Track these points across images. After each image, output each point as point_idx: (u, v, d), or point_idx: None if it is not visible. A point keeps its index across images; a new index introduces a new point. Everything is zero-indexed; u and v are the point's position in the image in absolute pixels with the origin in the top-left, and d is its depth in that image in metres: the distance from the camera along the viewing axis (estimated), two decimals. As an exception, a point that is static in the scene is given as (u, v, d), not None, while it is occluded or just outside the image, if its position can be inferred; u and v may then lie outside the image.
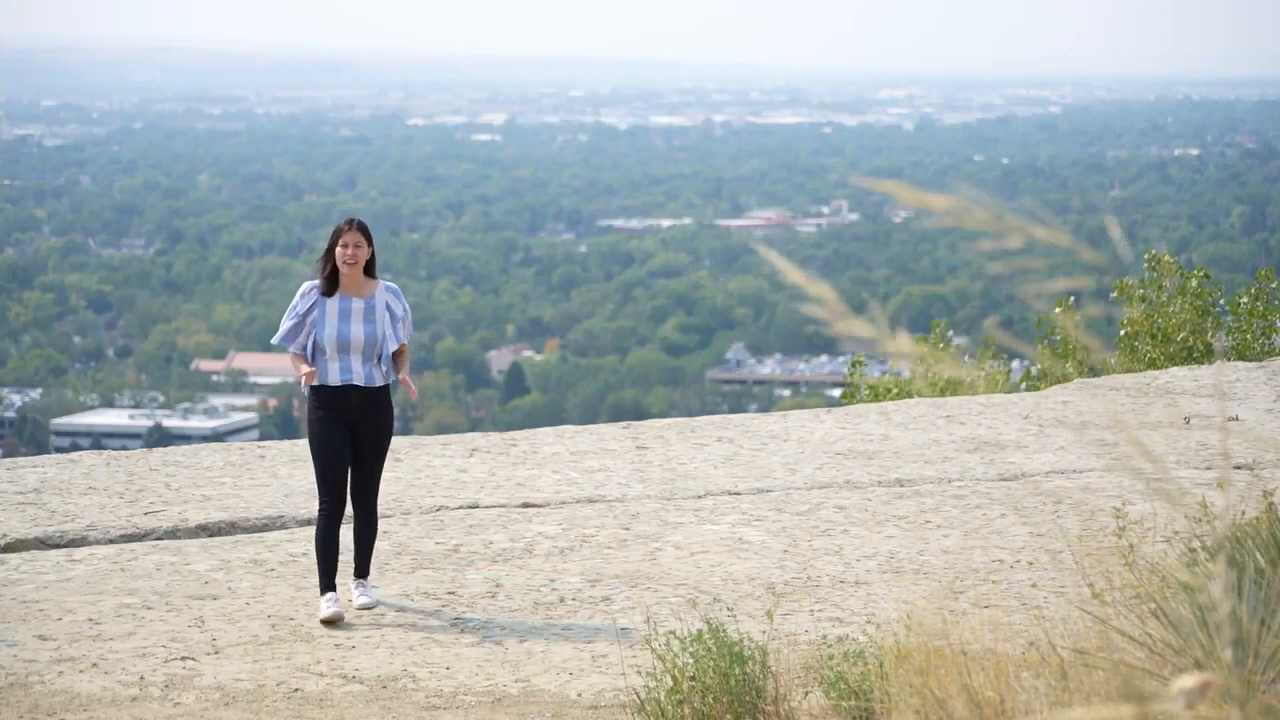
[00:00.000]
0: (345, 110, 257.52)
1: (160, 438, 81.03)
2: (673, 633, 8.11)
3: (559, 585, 10.60)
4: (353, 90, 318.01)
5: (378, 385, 10.10)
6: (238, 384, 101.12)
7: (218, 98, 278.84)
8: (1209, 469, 13.31)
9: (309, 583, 10.52)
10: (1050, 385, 19.02)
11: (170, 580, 10.75)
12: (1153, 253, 21.27)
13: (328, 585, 9.94)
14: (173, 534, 11.88)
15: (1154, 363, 20.11)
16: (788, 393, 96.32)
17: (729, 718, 7.71)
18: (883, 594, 10.25)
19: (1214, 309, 20.79)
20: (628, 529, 11.89)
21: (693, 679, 7.74)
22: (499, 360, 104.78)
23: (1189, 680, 3.95)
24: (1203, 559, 7.06)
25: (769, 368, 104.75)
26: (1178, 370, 18.07)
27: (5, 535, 11.68)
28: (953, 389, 19.70)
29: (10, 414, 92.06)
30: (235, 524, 12.09)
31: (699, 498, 12.80)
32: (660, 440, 14.82)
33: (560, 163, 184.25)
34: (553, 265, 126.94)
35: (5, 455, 44.36)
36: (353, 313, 10.05)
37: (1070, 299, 20.57)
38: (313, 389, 10.05)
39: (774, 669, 7.83)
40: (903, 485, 13.09)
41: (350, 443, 10.03)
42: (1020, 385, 21.56)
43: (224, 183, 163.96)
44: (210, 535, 11.92)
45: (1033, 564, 10.73)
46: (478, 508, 12.53)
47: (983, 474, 13.41)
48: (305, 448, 10.11)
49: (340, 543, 10.09)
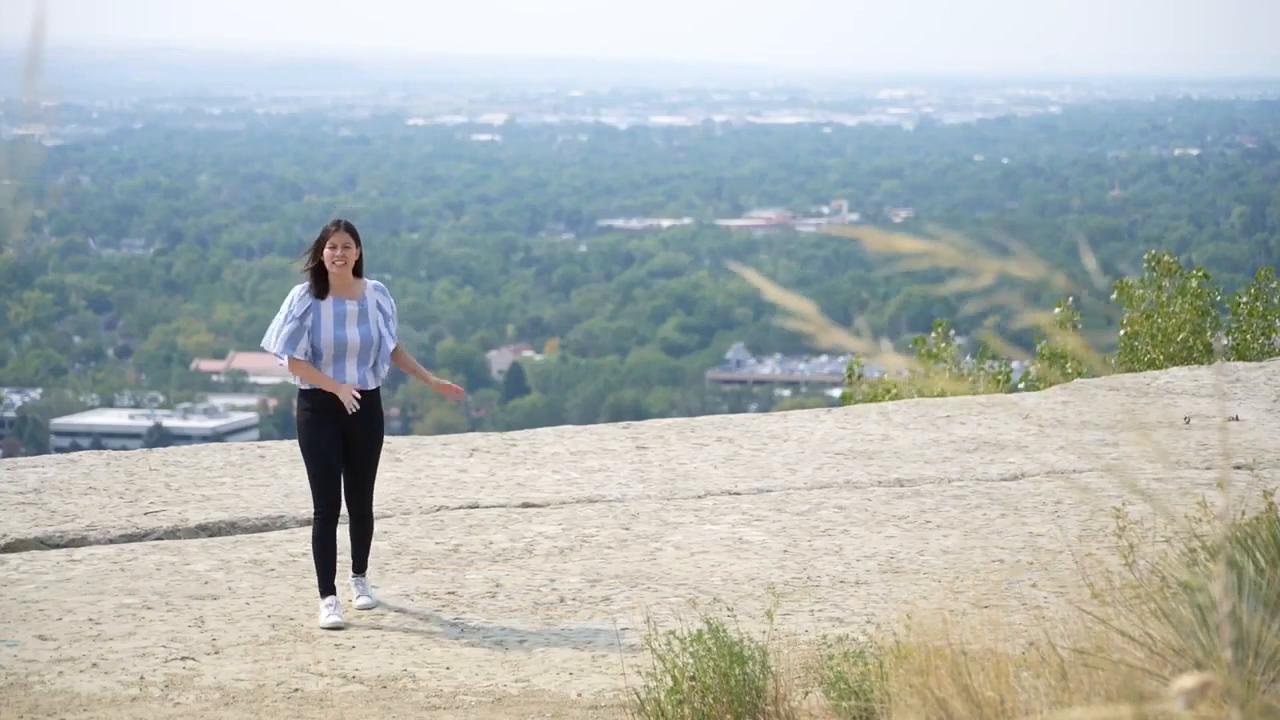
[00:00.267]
0: (345, 110, 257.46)
1: (160, 438, 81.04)
2: (673, 633, 8.10)
3: (559, 585, 10.60)
4: (353, 90, 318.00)
5: (371, 388, 10.06)
6: (238, 384, 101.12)
7: (218, 98, 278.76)
8: (1209, 469, 13.31)
9: (309, 583, 10.52)
10: (1050, 386, 19.03)
11: (170, 580, 10.75)
12: (1152, 252, 21.29)
13: (327, 588, 9.93)
14: (173, 534, 11.88)
15: (1154, 363, 20.12)
16: (788, 393, 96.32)
17: (729, 718, 7.71)
18: (883, 594, 10.25)
19: (1214, 309, 20.81)
20: (628, 529, 11.89)
21: (693, 679, 7.74)
22: (499, 360, 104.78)
23: (1189, 680, 3.95)
24: (1203, 559, 7.06)
25: (769, 368, 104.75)
26: (1178, 370, 18.07)
27: (5, 535, 11.68)
28: (963, 391, 19.69)
29: (10, 414, 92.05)
30: (235, 524, 12.09)
31: (699, 498, 12.80)
32: (660, 440, 14.82)
33: (560, 163, 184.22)
34: (553, 265, 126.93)
35: (5, 455, 44.36)
36: (347, 315, 10.00)
37: (1070, 299, 20.58)
38: (305, 393, 9.97)
39: (774, 669, 7.83)
40: (903, 485, 13.09)
41: (342, 446, 9.99)
42: (1020, 386, 21.57)
43: (224, 183, 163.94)
44: (210, 535, 11.92)
45: (1033, 564, 10.73)
46: (478, 508, 12.53)
47: (983, 474, 13.41)
48: (297, 433, 10.09)
49: (338, 544, 10.08)
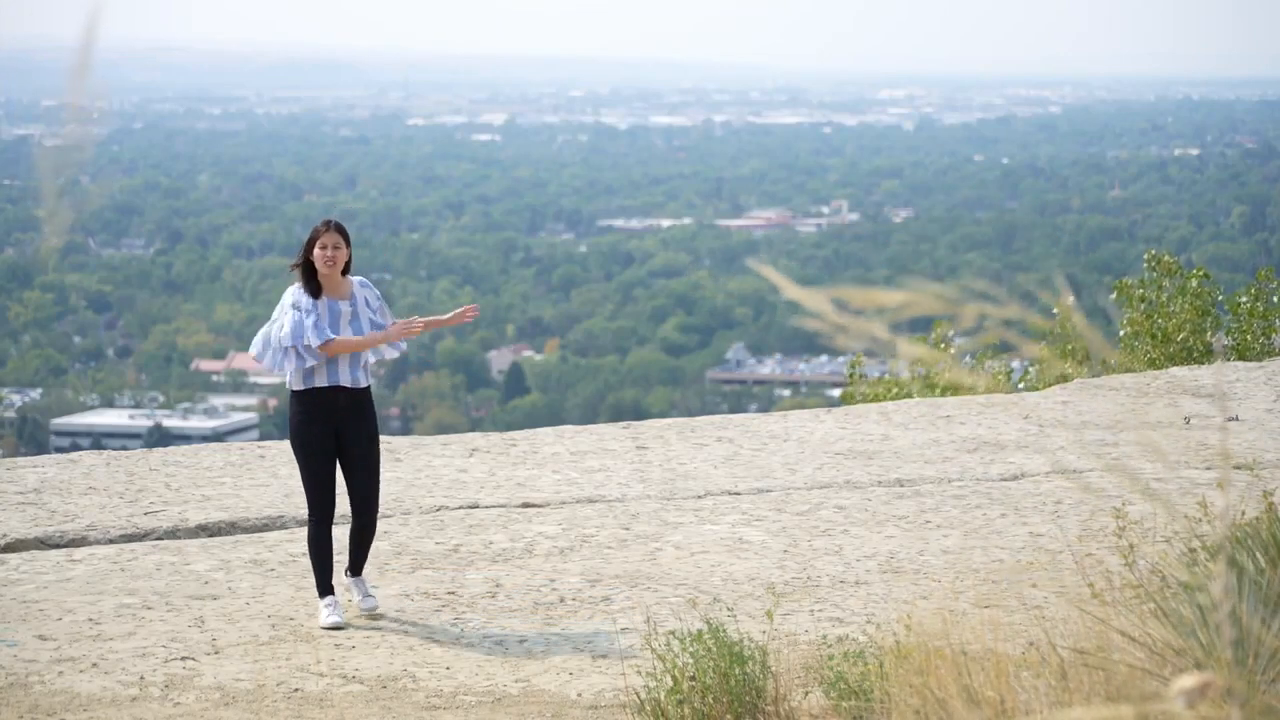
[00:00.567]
0: (345, 110, 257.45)
1: (160, 438, 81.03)
2: (673, 633, 8.10)
3: (559, 585, 10.60)
4: (353, 90, 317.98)
5: (363, 386, 10.04)
6: (238, 384, 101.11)
7: (218, 98, 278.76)
8: (1209, 469, 13.31)
9: (309, 583, 10.52)
10: (1050, 385, 19.02)
11: (170, 580, 10.75)
12: (1152, 252, 21.29)
13: (325, 589, 9.92)
14: (173, 534, 11.88)
15: (1154, 363, 20.12)
16: (788, 393, 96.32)
17: (729, 718, 7.71)
18: (883, 594, 10.25)
19: (1214, 309, 20.81)
20: (628, 529, 11.89)
21: (693, 679, 7.74)
22: (499, 360, 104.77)
23: (1189, 680, 3.95)
24: (1203, 559, 7.06)
25: (769, 368, 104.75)
26: (1178, 370, 18.07)
27: (5, 535, 11.68)
28: (953, 391, 19.71)
29: (10, 414, 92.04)
30: (235, 524, 12.09)
31: (699, 498, 12.80)
32: (660, 440, 14.82)
33: (560, 163, 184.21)
34: (553, 265, 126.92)
35: (5, 455, 44.35)
36: (341, 316, 9.99)
37: (1071, 299, 20.57)
38: (298, 393, 9.93)
39: (774, 669, 7.83)
40: (903, 485, 13.09)
41: (335, 446, 9.95)
42: (1020, 385, 21.57)
43: (224, 183, 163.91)
44: (210, 535, 11.92)
45: (1033, 564, 10.73)
46: (478, 508, 12.53)
47: (983, 474, 13.41)
48: (290, 438, 10.07)
49: (334, 544, 10.07)
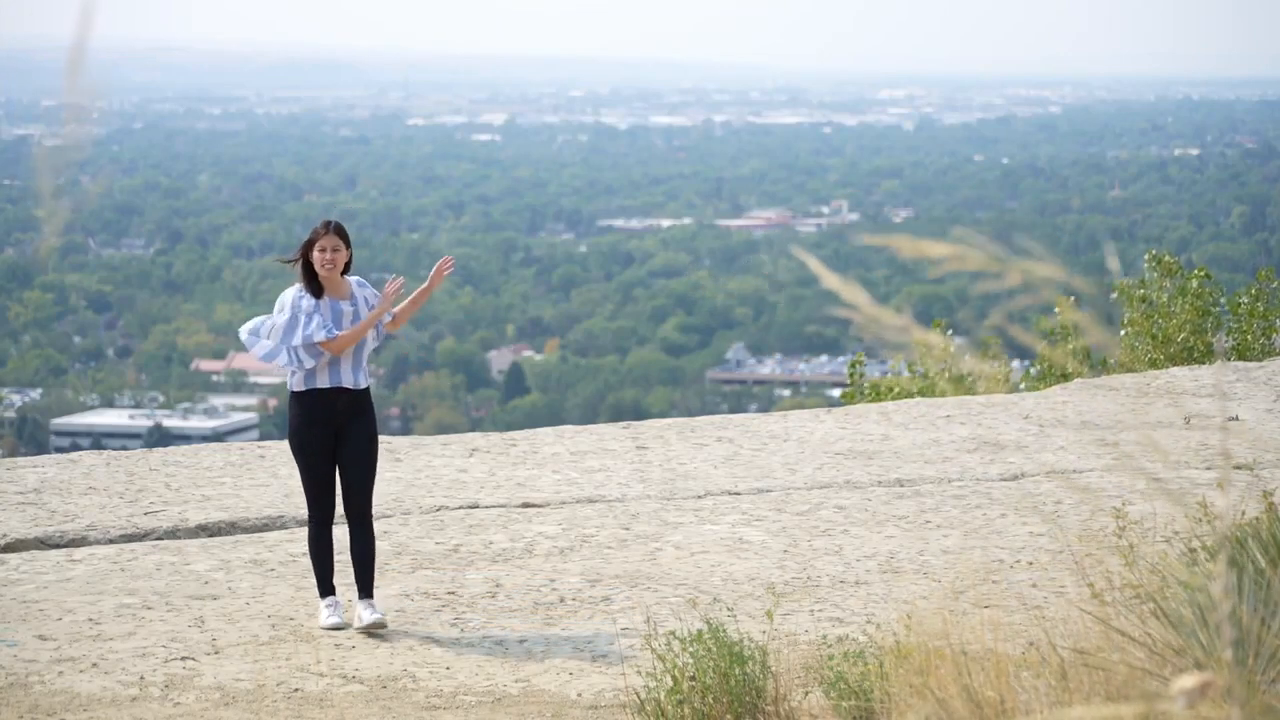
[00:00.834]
0: (345, 110, 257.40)
1: (160, 438, 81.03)
2: (673, 633, 8.10)
3: (559, 585, 10.60)
4: (353, 90, 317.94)
5: (363, 387, 10.00)
6: (238, 384, 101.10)
7: (218, 98, 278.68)
8: (1209, 469, 13.31)
9: (309, 583, 10.51)
10: (1050, 385, 19.02)
11: (170, 580, 10.75)
12: (1153, 253, 21.28)
13: (326, 589, 9.89)
14: (173, 534, 11.88)
15: (1154, 363, 20.12)
16: (788, 393, 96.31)
17: (729, 718, 7.71)
18: (883, 594, 10.25)
19: (1214, 309, 20.81)
20: (628, 529, 11.89)
21: (693, 679, 7.74)
22: (499, 360, 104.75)
23: (1189, 680, 3.95)
24: (1203, 559, 7.06)
25: (769, 368, 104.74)
26: (1178, 370, 18.07)
27: (5, 535, 11.68)
28: (964, 388, 19.70)
29: (10, 414, 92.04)
30: (235, 524, 12.09)
31: (699, 498, 12.80)
32: (660, 440, 14.82)
33: (560, 163, 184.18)
34: (553, 265, 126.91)
35: (5, 455, 44.35)
36: (343, 315, 9.94)
37: (1071, 299, 20.57)
38: (298, 394, 9.87)
39: (774, 669, 7.83)
40: (903, 485, 13.09)
41: (334, 447, 9.89)
42: (1020, 385, 21.57)
43: (224, 183, 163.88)
44: (210, 535, 11.92)
45: (1033, 564, 10.73)
46: (478, 508, 12.53)
47: (983, 474, 13.41)
48: (289, 441, 10.04)
49: (334, 544, 10.05)
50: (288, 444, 10.08)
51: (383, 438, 12.65)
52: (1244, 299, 20.89)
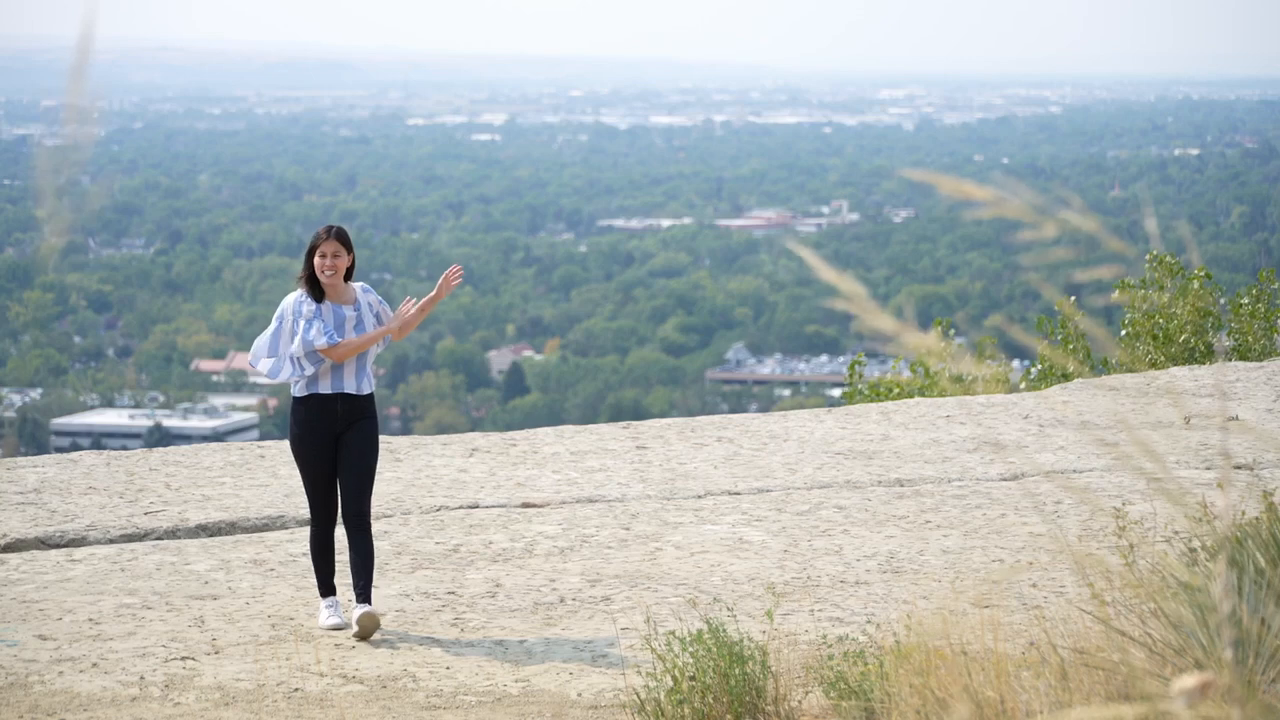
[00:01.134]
0: (345, 110, 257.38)
1: (160, 438, 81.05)
2: (673, 633, 8.10)
3: (559, 585, 10.60)
4: (353, 90, 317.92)
5: (366, 393, 9.96)
6: (238, 384, 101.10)
7: (218, 98, 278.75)
8: (1209, 469, 13.31)
9: (309, 583, 10.52)
10: (1051, 385, 19.02)
11: (170, 580, 10.75)
12: (1154, 253, 21.28)
13: (327, 589, 9.88)
14: (173, 534, 11.88)
15: (1155, 363, 20.12)
16: (788, 393, 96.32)
17: (729, 718, 7.71)
18: (883, 594, 10.25)
19: (1215, 309, 20.81)
20: (628, 529, 11.89)
21: (693, 679, 7.74)
22: (499, 360, 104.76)
23: (1189, 680, 3.95)
24: (1203, 559, 7.06)
25: (769, 368, 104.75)
26: (1178, 370, 18.06)
27: (5, 535, 11.68)
28: (963, 388, 19.70)
29: (10, 414, 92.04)
30: (235, 524, 12.09)
31: (699, 498, 12.80)
32: (660, 440, 14.81)
33: (560, 163, 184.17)
34: (553, 265, 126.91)
35: (5, 455, 44.34)
36: (347, 320, 9.90)
37: (1072, 298, 20.59)
38: (300, 399, 9.82)
39: (774, 669, 7.83)
40: (903, 485, 13.09)
41: (334, 454, 9.81)
42: (1020, 385, 21.56)
43: (224, 183, 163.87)
44: (210, 535, 11.92)
45: (1033, 564, 10.73)
46: (478, 508, 12.52)
47: (983, 474, 13.41)
48: (289, 444, 10.02)
49: (336, 545, 10.04)
50: (289, 446, 10.06)
51: (383, 438, 12.63)
52: (1245, 299, 20.89)
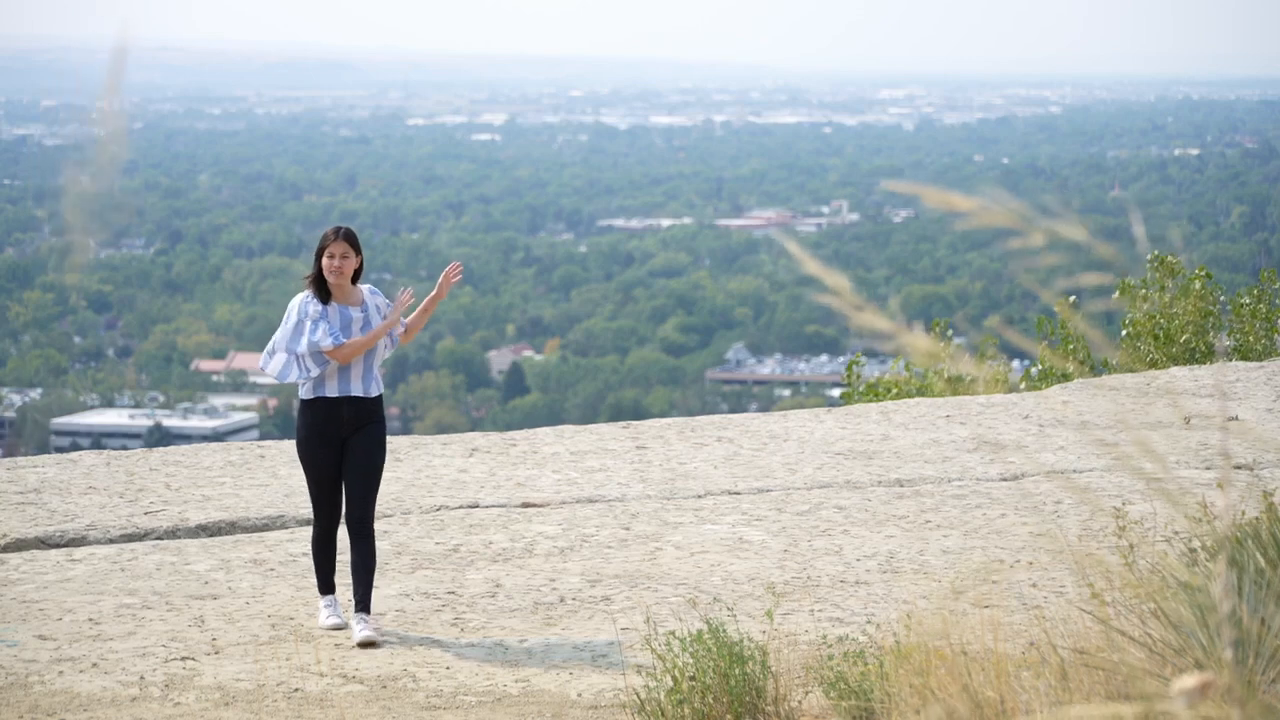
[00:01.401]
0: (345, 110, 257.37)
1: (160, 438, 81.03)
2: (673, 633, 8.10)
3: (559, 585, 10.60)
4: (353, 90, 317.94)
5: (374, 395, 9.93)
6: (238, 384, 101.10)
7: (218, 98, 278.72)
8: (1209, 469, 13.31)
9: (309, 583, 10.51)
10: (1051, 385, 19.02)
11: (170, 580, 10.75)
12: (1156, 253, 21.29)
13: (327, 588, 9.85)
14: (173, 534, 11.88)
15: (1155, 363, 20.12)
16: (788, 393, 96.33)
17: (729, 718, 7.71)
18: (883, 594, 10.25)
19: (1216, 309, 20.82)
20: (628, 529, 11.89)
21: (693, 679, 7.74)
22: (499, 360, 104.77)
23: (1189, 680, 3.95)
24: (1203, 559, 7.06)
25: (769, 368, 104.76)
26: (1178, 370, 18.06)
27: (5, 535, 11.68)
28: (962, 388, 19.70)
29: (10, 414, 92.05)
30: (235, 524, 12.09)
31: (699, 498, 12.80)
32: (660, 440, 14.81)
33: (560, 163, 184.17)
34: (553, 265, 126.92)
35: (5, 455, 44.34)
36: (354, 321, 9.86)
37: (1073, 298, 20.59)
38: (307, 402, 9.76)
39: (774, 669, 7.83)
40: (903, 485, 13.09)
41: (340, 459, 9.75)
42: (1020, 385, 21.56)
43: (224, 183, 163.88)
44: (210, 535, 11.92)
45: (1033, 564, 10.74)
46: (478, 508, 12.52)
47: (983, 474, 13.41)
48: (295, 446, 9.99)
49: (338, 545, 10.03)
50: (295, 449, 10.02)
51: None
52: (1246, 299, 20.89)
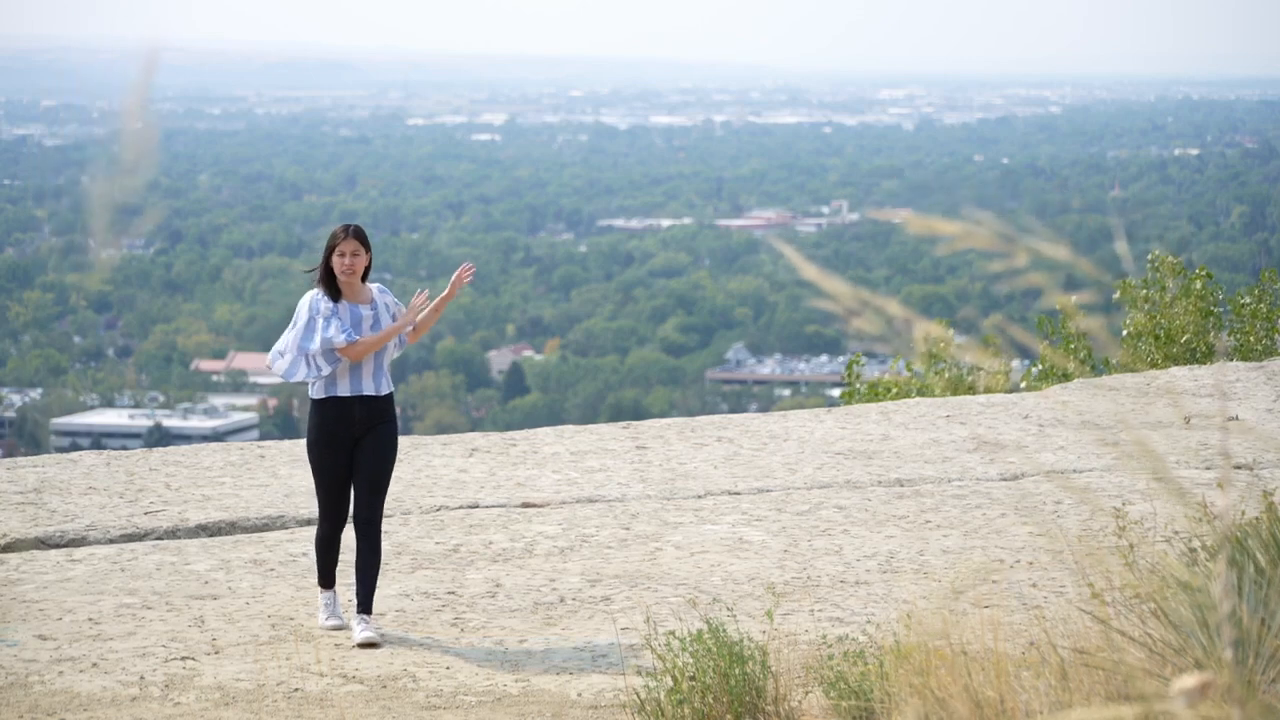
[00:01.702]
0: (345, 110, 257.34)
1: (160, 438, 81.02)
2: (673, 633, 8.10)
3: (559, 585, 10.60)
4: (353, 90, 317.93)
5: (385, 393, 9.93)
6: (238, 384, 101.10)
7: (218, 98, 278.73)
8: (1209, 469, 13.31)
9: (309, 583, 10.51)
10: (1051, 385, 19.02)
11: (170, 580, 10.75)
12: (1156, 253, 21.29)
13: (327, 581, 9.82)
14: (173, 534, 11.88)
15: (1155, 363, 20.12)
16: (788, 393, 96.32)
17: (729, 718, 7.71)
18: (883, 594, 10.25)
19: (1216, 309, 20.82)
20: (628, 529, 11.89)
21: (693, 679, 7.74)
22: (499, 360, 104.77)
23: (1189, 680, 3.95)
24: (1203, 559, 7.06)
25: (769, 368, 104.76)
26: (1178, 370, 18.06)
27: (5, 535, 11.68)
28: (963, 387, 19.69)
29: (10, 414, 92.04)
30: (235, 524, 12.09)
31: (699, 498, 12.80)
32: (660, 440, 14.81)
33: (560, 163, 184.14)
34: (553, 265, 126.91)
35: (5, 455, 44.34)
36: (363, 319, 9.84)
37: (1073, 299, 20.59)
38: (318, 402, 9.74)
39: (774, 669, 7.83)
40: (903, 485, 13.09)
41: (350, 460, 9.73)
42: (1021, 385, 21.56)
43: (224, 183, 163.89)
44: (210, 535, 11.92)
45: (1033, 564, 10.73)
46: (478, 508, 12.52)
47: (983, 474, 13.41)
48: (305, 448, 9.96)
49: (341, 544, 10.02)
50: (296, 449, 10.02)
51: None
52: (1246, 299, 20.89)
